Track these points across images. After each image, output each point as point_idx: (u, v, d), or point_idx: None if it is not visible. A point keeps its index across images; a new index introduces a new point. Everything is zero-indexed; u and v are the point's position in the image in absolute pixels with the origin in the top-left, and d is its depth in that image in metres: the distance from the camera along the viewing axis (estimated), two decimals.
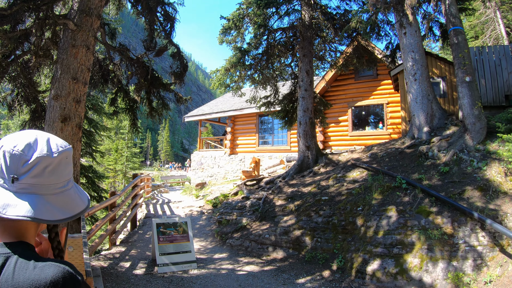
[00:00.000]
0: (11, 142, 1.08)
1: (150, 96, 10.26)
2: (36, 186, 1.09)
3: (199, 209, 15.15)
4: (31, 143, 1.09)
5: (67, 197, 1.17)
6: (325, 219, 8.28)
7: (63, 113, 6.48)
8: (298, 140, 14.00)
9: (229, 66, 14.60)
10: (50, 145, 1.13)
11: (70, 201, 1.18)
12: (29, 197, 1.08)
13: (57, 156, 1.12)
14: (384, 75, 18.79)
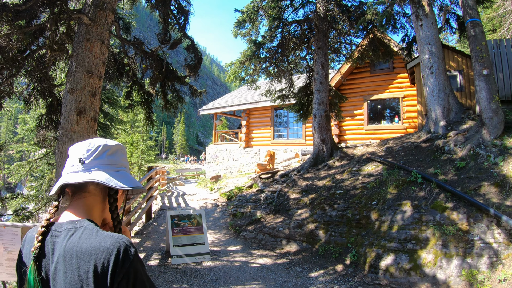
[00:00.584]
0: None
1: (165, 89, 10.30)
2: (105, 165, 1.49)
3: (214, 201, 15.22)
4: None
5: (127, 176, 1.54)
6: (339, 212, 8.25)
7: (79, 106, 6.53)
8: (313, 133, 13.95)
9: (244, 59, 14.57)
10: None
11: (130, 179, 1.54)
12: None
13: (114, 145, 1.56)
14: (400, 68, 18.58)
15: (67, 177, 1.42)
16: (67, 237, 1.29)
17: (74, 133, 6.44)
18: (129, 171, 1.63)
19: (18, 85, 9.75)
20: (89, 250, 1.23)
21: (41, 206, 12.12)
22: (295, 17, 15.91)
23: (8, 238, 3.28)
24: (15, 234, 3.29)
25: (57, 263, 1.27)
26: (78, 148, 1.50)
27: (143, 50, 9.11)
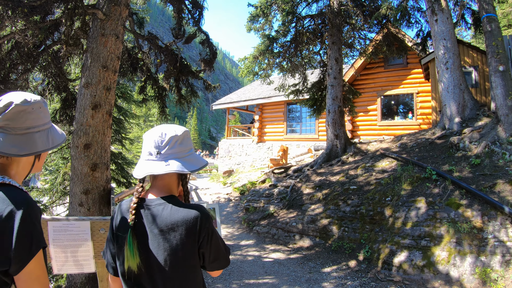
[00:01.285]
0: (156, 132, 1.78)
1: (179, 83, 10.32)
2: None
3: (227, 196, 15.26)
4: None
5: (194, 157, 1.85)
6: (353, 208, 8.23)
7: (94, 101, 6.58)
8: (327, 128, 13.90)
9: (258, 54, 14.55)
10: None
11: (196, 160, 1.84)
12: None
13: (182, 133, 1.81)
14: (414, 63, 18.41)
15: (149, 167, 1.72)
16: (160, 210, 1.69)
17: (89, 127, 6.50)
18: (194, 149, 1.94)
19: (33, 80, 9.85)
20: (180, 219, 1.65)
21: (55, 199, 12.22)
22: (309, 11, 15.90)
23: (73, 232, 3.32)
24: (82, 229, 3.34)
25: (152, 231, 1.66)
26: (152, 137, 1.78)
27: (157, 45, 9.13)
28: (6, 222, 1.33)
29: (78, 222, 3.31)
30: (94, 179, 6.50)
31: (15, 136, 1.54)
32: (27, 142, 1.58)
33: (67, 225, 3.25)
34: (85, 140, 6.43)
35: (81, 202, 6.39)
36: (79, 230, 3.29)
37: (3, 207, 1.35)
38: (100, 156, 6.59)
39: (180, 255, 1.66)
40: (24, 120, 1.56)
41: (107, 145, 6.83)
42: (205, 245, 1.72)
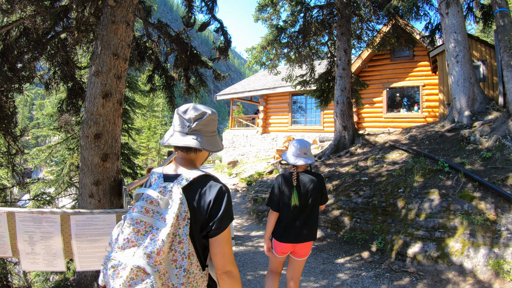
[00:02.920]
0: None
1: (188, 73, 10.20)
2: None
3: (233, 186, 15.18)
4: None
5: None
6: (365, 199, 8.14)
7: (104, 89, 6.47)
8: (335, 119, 13.78)
9: (266, 44, 14.40)
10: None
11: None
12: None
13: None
14: (420, 56, 18.32)
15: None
16: (306, 175, 3.64)
17: (100, 117, 6.40)
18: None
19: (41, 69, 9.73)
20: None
21: (61, 190, 12.15)
22: (317, 2, 15.63)
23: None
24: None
25: (304, 187, 3.96)
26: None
27: (168, 33, 9.00)
28: (220, 199, 1.92)
29: (104, 215, 3.20)
30: (105, 169, 6.42)
31: (206, 137, 2.04)
32: (214, 142, 2.11)
33: (92, 219, 3.14)
34: (96, 130, 6.33)
35: (92, 194, 6.32)
36: (105, 223, 3.18)
37: (216, 189, 1.94)
38: (111, 146, 6.50)
39: (315, 199, 4.00)
40: (212, 126, 2.10)
41: (117, 135, 6.74)
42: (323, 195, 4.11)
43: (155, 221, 1.74)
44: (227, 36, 9.25)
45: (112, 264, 1.62)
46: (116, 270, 1.60)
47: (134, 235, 1.68)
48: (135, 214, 1.72)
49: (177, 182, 1.91)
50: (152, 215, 1.75)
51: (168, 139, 2.04)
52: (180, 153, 2.08)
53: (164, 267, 1.68)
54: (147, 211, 1.75)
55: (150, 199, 1.78)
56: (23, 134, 9.22)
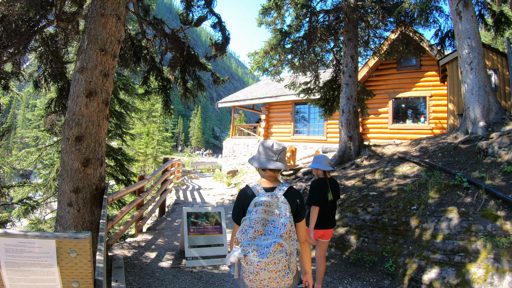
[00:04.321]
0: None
1: (185, 75, 9.56)
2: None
3: (231, 197, 14.50)
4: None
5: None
6: (374, 217, 7.39)
7: (89, 87, 5.82)
8: (340, 129, 13.09)
9: (269, 49, 13.79)
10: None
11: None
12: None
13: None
14: (428, 66, 17.91)
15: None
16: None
17: (82, 117, 5.74)
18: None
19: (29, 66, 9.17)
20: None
21: (50, 195, 11.49)
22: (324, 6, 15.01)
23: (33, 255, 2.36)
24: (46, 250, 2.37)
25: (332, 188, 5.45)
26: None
27: (163, 31, 8.37)
28: (302, 200, 3.02)
29: (40, 241, 2.39)
30: (86, 176, 5.75)
31: (282, 162, 3.09)
32: (285, 164, 3.11)
33: (25, 244, 2.36)
34: (77, 132, 5.68)
35: (71, 202, 5.65)
36: (41, 251, 2.39)
37: (298, 194, 3.04)
38: (93, 150, 5.83)
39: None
40: (285, 154, 3.16)
41: (102, 138, 6.06)
42: None
43: (269, 216, 2.81)
44: (225, 31, 8.54)
45: (253, 248, 2.66)
46: (259, 250, 2.65)
47: (261, 227, 2.77)
48: (259, 214, 2.78)
49: (278, 190, 2.96)
50: (268, 213, 2.82)
51: (264, 163, 3.04)
52: (269, 172, 3.09)
53: (287, 241, 2.76)
54: (265, 211, 2.81)
55: (266, 203, 2.83)
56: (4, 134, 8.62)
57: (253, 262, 2.64)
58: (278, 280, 2.71)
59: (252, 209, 2.81)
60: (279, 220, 2.77)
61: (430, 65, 17.74)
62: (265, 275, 2.68)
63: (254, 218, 2.75)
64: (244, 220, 2.80)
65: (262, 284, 2.74)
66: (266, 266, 2.64)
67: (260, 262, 2.63)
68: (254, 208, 2.81)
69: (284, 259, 2.67)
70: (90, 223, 5.68)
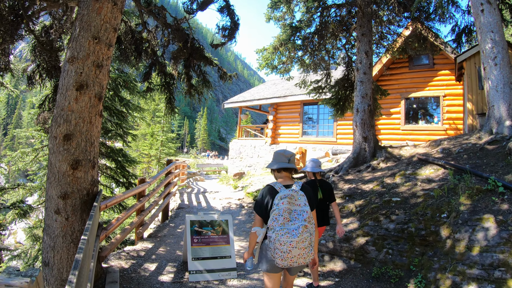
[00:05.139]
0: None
1: (189, 70, 8.86)
2: None
3: (238, 201, 13.77)
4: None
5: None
6: (399, 226, 6.60)
7: (79, 79, 5.14)
8: (354, 130, 12.31)
9: (278, 44, 13.04)
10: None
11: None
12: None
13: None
14: (441, 64, 17.36)
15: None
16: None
17: (71, 113, 5.06)
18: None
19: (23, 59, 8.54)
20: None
21: None
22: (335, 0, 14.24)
23: None
24: None
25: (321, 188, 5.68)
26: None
27: (165, 19, 7.66)
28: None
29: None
30: (75, 179, 5.06)
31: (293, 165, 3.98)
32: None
33: None
34: (66, 130, 4.99)
35: (58, 209, 4.98)
36: None
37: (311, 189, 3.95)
38: (84, 151, 5.14)
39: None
40: (294, 159, 3.97)
41: (94, 137, 5.36)
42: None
43: (292, 206, 3.55)
44: (233, 16, 7.73)
45: (284, 231, 3.36)
46: (290, 232, 3.36)
47: (288, 215, 3.49)
48: (286, 205, 3.50)
49: (296, 186, 3.73)
50: (291, 204, 3.54)
51: (282, 165, 3.84)
52: (284, 173, 3.91)
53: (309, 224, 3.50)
54: (289, 203, 3.53)
55: (289, 196, 3.55)
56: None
57: (286, 243, 3.33)
58: (305, 255, 3.43)
59: (279, 201, 3.51)
60: (301, 209, 3.53)
61: (444, 64, 17.23)
62: (296, 252, 3.36)
63: (282, 208, 3.47)
64: (274, 211, 3.50)
65: (292, 261, 3.40)
66: (296, 244, 3.33)
67: (292, 242, 3.33)
68: (280, 201, 3.51)
69: (309, 238, 3.42)
70: (80, 233, 5.00)
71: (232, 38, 7.82)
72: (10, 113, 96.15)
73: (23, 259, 11.44)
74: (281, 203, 3.49)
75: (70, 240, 5.02)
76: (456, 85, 16.60)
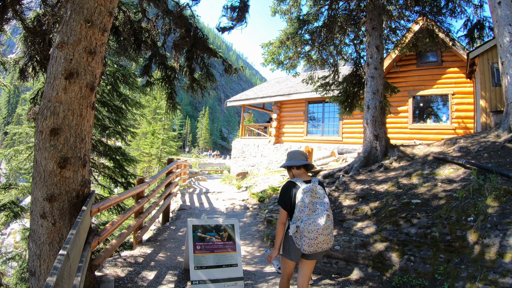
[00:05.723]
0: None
1: (191, 63, 8.29)
2: None
3: (243, 202, 13.18)
4: None
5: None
6: (421, 230, 5.99)
7: (69, 67, 4.58)
8: (365, 127, 11.68)
9: (285, 38, 12.44)
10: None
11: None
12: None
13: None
14: (449, 62, 16.90)
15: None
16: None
17: (59, 105, 4.51)
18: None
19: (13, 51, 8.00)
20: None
21: None
22: None
23: None
24: None
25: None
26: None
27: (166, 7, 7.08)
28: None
29: None
30: (63, 179, 4.50)
31: None
32: None
33: None
34: (53, 123, 4.43)
35: (44, 213, 4.43)
36: None
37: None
38: (73, 148, 4.57)
39: None
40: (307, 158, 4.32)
41: (85, 131, 4.80)
42: None
43: (314, 199, 3.89)
44: None
45: (311, 221, 3.74)
46: (316, 221, 3.73)
47: (312, 206, 3.84)
48: (309, 198, 3.86)
49: (314, 181, 4.08)
50: (313, 197, 3.90)
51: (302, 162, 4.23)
52: (302, 170, 4.30)
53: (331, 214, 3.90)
54: (312, 196, 3.88)
55: (311, 190, 3.91)
56: None
57: (313, 231, 3.71)
58: (328, 241, 3.82)
59: (303, 195, 3.86)
60: (321, 201, 3.90)
61: (452, 61, 16.77)
62: (322, 238, 3.74)
63: (307, 201, 3.84)
64: (299, 203, 3.86)
65: (317, 247, 3.75)
66: (322, 231, 3.71)
67: (318, 229, 3.70)
68: (304, 194, 3.87)
69: (331, 225, 3.84)
70: None
71: (242, 19, 7.14)
72: (11, 112, 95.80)
73: (18, 261, 10.92)
74: (305, 196, 3.87)
75: (57, 248, 4.47)
76: (465, 82, 16.17)
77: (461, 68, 16.36)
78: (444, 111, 17.13)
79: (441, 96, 17.17)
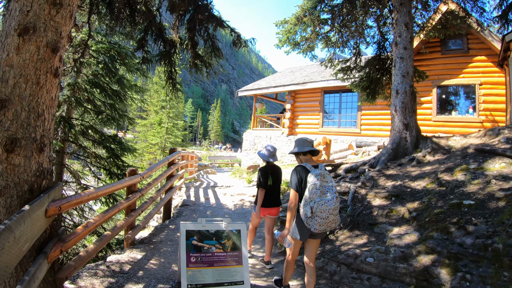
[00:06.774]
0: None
1: (194, 35, 7.08)
2: None
3: (253, 198, 11.92)
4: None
5: None
6: (479, 240, 4.64)
7: (24, 21, 3.43)
8: (393, 115, 10.32)
9: (302, 14, 11.16)
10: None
11: None
12: None
13: None
14: (476, 49, 15.70)
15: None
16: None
17: (10, 69, 3.36)
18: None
19: None
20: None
21: None
22: None
23: None
24: None
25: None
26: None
27: None
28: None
29: None
30: (11, 168, 3.35)
31: None
32: None
33: None
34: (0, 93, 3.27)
35: None
36: None
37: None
38: (25, 125, 3.41)
39: None
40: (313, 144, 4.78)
41: (44, 105, 3.61)
42: None
43: (323, 183, 4.15)
44: None
45: (323, 202, 4.04)
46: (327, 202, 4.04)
47: (323, 189, 4.12)
48: (319, 181, 4.12)
49: (321, 167, 4.37)
50: (322, 181, 4.16)
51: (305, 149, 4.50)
52: (309, 156, 4.57)
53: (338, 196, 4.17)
54: (321, 180, 4.14)
55: (321, 174, 4.17)
56: None
57: (325, 211, 4.04)
58: (336, 220, 4.18)
59: (313, 179, 4.16)
60: (329, 185, 4.23)
61: (480, 49, 15.58)
62: (331, 218, 4.10)
63: (318, 183, 4.13)
64: (310, 186, 4.15)
65: (327, 226, 4.11)
66: (333, 211, 4.07)
67: (330, 209, 4.05)
68: (314, 178, 4.17)
69: (338, 206, 4.17)
70: None
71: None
72: None
73: None
74: (316, 179, 4.13)
75: None
76: (494, 72, 15.01)
77: (489, 56, 15.20)
78: (470, 102, 16.03)
79: (467, 87, 16.06)
